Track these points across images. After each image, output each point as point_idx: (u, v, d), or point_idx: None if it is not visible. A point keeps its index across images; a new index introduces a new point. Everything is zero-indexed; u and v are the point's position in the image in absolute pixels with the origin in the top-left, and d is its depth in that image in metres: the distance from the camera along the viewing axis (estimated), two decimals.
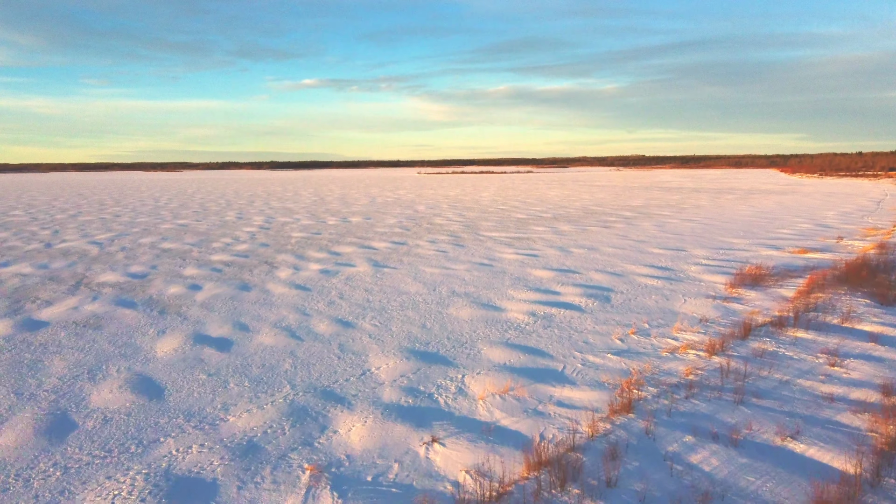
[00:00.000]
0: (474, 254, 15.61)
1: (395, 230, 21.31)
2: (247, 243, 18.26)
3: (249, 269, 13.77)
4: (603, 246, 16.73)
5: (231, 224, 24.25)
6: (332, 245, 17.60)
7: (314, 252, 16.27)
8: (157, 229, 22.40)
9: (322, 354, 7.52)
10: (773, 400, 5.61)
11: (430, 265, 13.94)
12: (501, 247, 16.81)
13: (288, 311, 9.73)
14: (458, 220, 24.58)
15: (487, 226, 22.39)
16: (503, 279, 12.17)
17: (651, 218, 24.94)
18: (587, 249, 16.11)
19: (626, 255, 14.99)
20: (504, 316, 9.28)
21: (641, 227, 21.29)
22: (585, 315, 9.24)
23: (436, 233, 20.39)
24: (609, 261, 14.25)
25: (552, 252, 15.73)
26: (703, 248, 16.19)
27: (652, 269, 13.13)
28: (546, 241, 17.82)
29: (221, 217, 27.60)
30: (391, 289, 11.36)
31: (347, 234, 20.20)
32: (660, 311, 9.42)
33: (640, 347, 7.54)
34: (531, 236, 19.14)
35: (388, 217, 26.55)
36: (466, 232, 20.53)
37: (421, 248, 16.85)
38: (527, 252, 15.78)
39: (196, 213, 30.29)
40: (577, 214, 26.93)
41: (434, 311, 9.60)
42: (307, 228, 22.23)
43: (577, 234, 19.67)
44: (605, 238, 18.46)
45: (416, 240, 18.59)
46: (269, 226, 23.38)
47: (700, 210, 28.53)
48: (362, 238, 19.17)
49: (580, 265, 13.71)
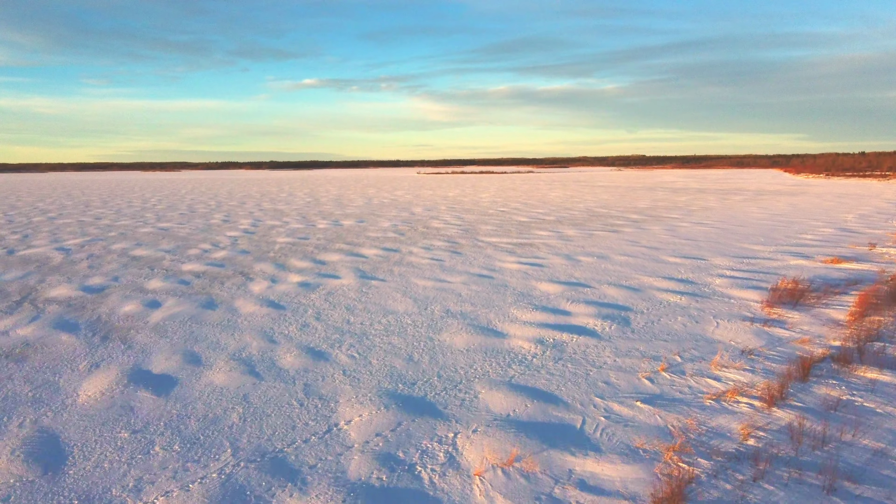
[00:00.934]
0: (473, 263, 14.17)
1: (389, 235, 19.88)
2: (226, 250, 16.82)
3: (221, 281, 12.33)
4: (613, 254, 15.29)
5: (215, 228, 22.81)
6: (318, 252, 16.15)
7: (297, 261, 14.82)
8: (134, 234, 20.97)
9: (281, 400, 6.07)
10: (874, 486, 4.16)
11: (423, 277, 12.50)
12: (502, 254, 15.37)
13: (252, 337, 8.28)
14: (456, 224, 23.15)
15: (487, 230, 20.95)
16: (505, 294, 10.73)
17: (660, 221, 23.50)
18: (596, 258, 14.67)
19: (640, 265, 13.55)
20: (506, 344, 7.83)
21: (652, 232, 19.85)
22: (603, 343, 7.80)
23: (432, 238, 18.95)
24: (622, 272, 12.81)
25: (558, 261, 14.28)
26: (722, 256, 14.75)
27: (671, 282, 11.69)
28: (551, 248, 16.38)
29: (207, 220, 26.16)
30: (376, 307, 9.92)
31: (336, 240, 18.76)
32: (690, 337, 7.98)
33: (676, 391, 6.09)
34: (534, 242, 17.70)
35: (382, 220, 25.11)
36: (465, 237, 19.10)
37: (414, 255, 15.41)
38: (530, 261, 14.33)
39: (182, 215, 28.86)
40: (582, 217, 25.49)
41: (424, 338, 8.16)
42: (294, 233, 20.79)
43: (584, 239, 18.23)
44: (615, 244, 17.02)
45: (409, 246, 17.15)
46: (255, 230, 21.94)
47: (710, 212, 27.09)
48: (352, 244, 17.73)
49: (590, 277, 12.27)
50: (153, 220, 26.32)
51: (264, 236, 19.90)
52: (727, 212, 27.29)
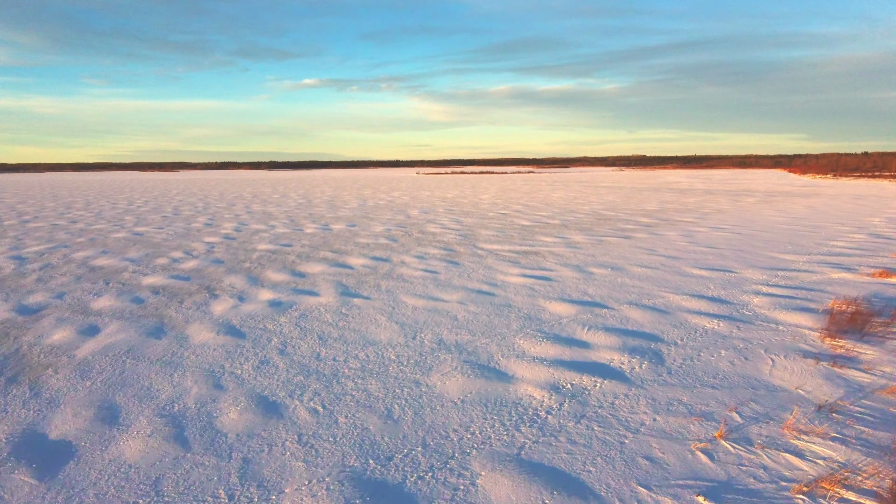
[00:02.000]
0: (471, 276, 12.53)
1: (380, 241, 18.24)
2: (199, 259, 15.19)
3: (181, 299, 10.69)
4: (629, 264, 13.65)
5: (195, 232, 21.17)
6: (300, 262, 14.51)
7: (274, 273, 13.18)
8: (105, 239, 19.33)
9: (204, 489, 4.43)
10: None
11: (413, 294, 10.86)
12: (505, 265, 13.73)
13: (195, 380, 6.64)
14: (453, 228, 21.51)
15: (487, 235, 19.31)
16: (509, 318, 9.09)
17: (674, 225, 21.86)
18: (611, 269, 13.02)
19: (662, 279, 11.92)
20: (513, 391, 6.20)
21: (667, 238, 18.21)
22: (635, 391, 6.16)
23: (427, 245, 17.30)
24: (643, 287, 11.17)
25: (568, 273, 12.64)
26: (752, 267, 13.11)
27: (702, 301, 10.05)
28: (558, 258, 14.73)
29: (188, 223, 24.52)
30: (355, 335, 8.28)
31: (323, 247, 17.12)
32: (744, 381, 6.35)
33: (749, 475, 4.45)
34: (539, 250, 16.06)
35: (375, 224, 23.47)
36: (463, 244, 17.46)
37: (406, 266, 13.77)
38: (536, 273, 12.69)
39: (164, 218, 27.22)
40: (589, 221, 23.84)
41: (409, 381, 6.52)
42: (278, 238, 19.15)
43: (594, 247, 16.59)
44: (629, 253, 15.38)
45: (402, 254, 15.51)
46: (237, 235, 20.30)
47: (725, 216, 25.45)
48: (339, 252, 16.09)
49: (607, 294, 10.62)
50: (131, 223, 24.68)
51: (245, 243, 18.26)
52: (743, 215, 25.65)
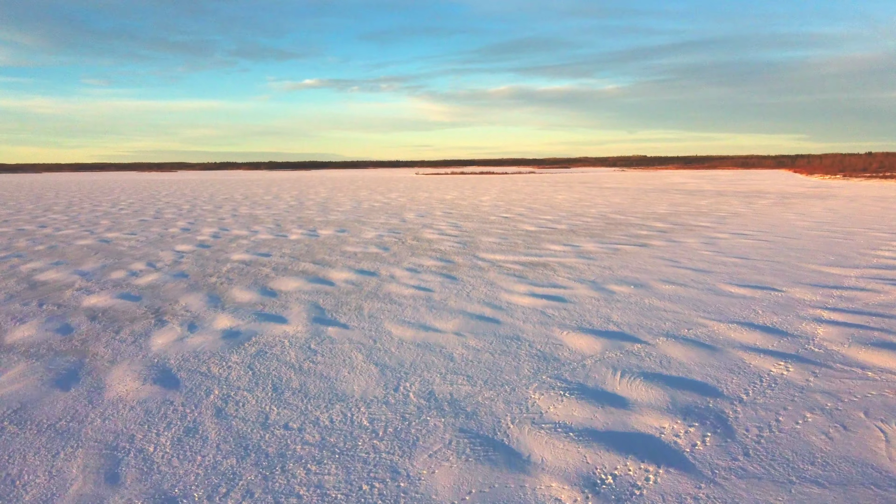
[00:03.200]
0: (471, 295, 10.68)
1: (370, 249, 16.39)
2: (161, 271, 13.35)
3: (119, 327, 8.83)
4: (653, 280, 11.80)
5: (168, 239, 19.33)
6: (274, 277, 12.66)
7: (241, 290, 11.34)
8: (66, 248, 17.48)
9: None
10: None
11: (401, 320, 9.01)
12: (510, 281, 11.88)
13: (83, 466, 4.78)
14: (452, 234, 19.66)
15: (489, 243, 17.46)
16: (518, 357, 7.24)
17: (692, 231, 20.02)
18: (634, 287, 11.17)
19: (696, 300, 10.06)
20: (530, 493, 4.35)
21: (688, 247, 16.36)
22: (706, 489, 4.31)
23: (421, 254, 15.46)
24: (677, 312, 9.32)
25: (584, 292, 10.79)
26: (798, 284, 11.26)
27: (754, 331, 8.20)
28: (571, 271, 12.89)
29: (166, 228, 22.68)
30: (320, 385, 6.42)
31: (304, 257, 15.27)
32: (857, 472, 4.50)
33: None
34: (548, 261, 14.21)
35: (366, 229, 21.62)
36: (462, 253, 15.61)
37: (396, 282, 11.93)
38: (547, 291, 10.84)
39: (142, 222, 25.38)
40: (598, 226, 22.00)
41: (383, 468, 4.66)
42: (257, 247, 17.30)
43: (609, 257, 14.74)
44: (649, 264, 13.53)
45: (392, 267, 13.67)
46: (213, 242, 18.45)
47: (744, 220, 23.61)
48: (321, 264, 14.24)
49: (636, 321, 8.78)
50: (104, 228, 22.82)
51: (219, 251, 16.41)
52: (762, 219, 23.80)
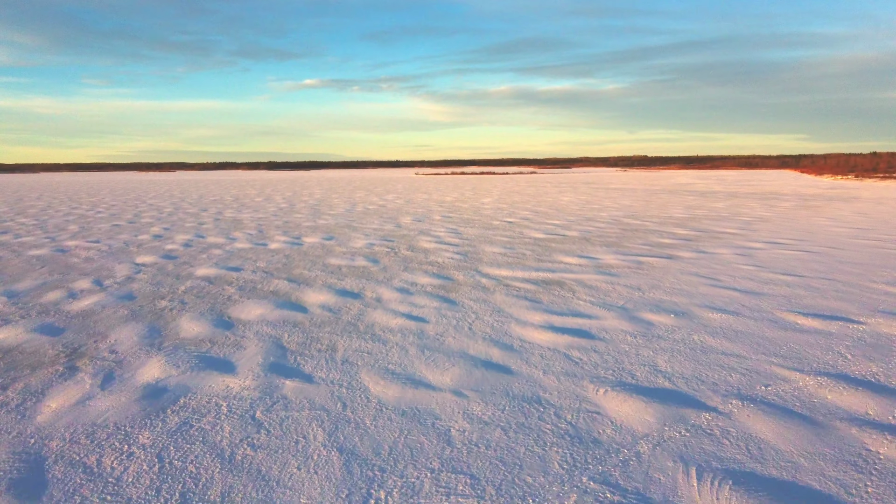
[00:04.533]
0: (474, 328, 8.60)
1: (357, 262, 14.32)
2: (106, 291, 11.26)
3: (13, 377, 6.71)
4: (695, 306, 9.71)
5: (133, 248, 17.25)
6: (237, 300, 10.57)
7: (190, 320, 9.24)
8: (13, 259, 15.40)
9: None
10: None
11: (383, 370, 6.93)
12: (521, 306, 9.79)
13: None
14: (451, 243, 17.58)
15: (493, 254, 15.37)
16: (543, 440, 5.14)
17: (719, 239, 17.93)
18: (674, 316, 9.08)
19: (761, 337, 7.96)
20: None
21: (722, 259, 14.28)
22: None
23: (415, 269, 13.38)
24: (741, 356, 7.22)
25: (615, 324, 8.70)
26: (876, 313, 9.15)
27: (857, 390, 6.09)
28: (592, 292, 10.79)
29: (137, 234, 20.60)
30: (252, 491, 4.34)
31: (280, 272, 13.19)
32: None
33: None
34: (563, 278, 12.13)
35: (357, 236, 19.54)
36: (462, 267, 13.53)
37: (382, 308, 9.84)
38: (569, 323, 8.75)
39: (115, 227, 23.31)
40: (613, 233, 19.91)
41: None
42: (229, 259, 15.22)
43: (634, 273, 12.65)
44: (684, 283, 11.44)
45: (380, 286, 11.59)
46: (182, 252, 16.37)
47: (772, 226, 21.52)
48: (297, 282, 12.16)
49: (692, 372, 6.68)
50: (68, 235, 20.74)
51: (185, 264, 14.33)
52: (791, 224, 21.72)
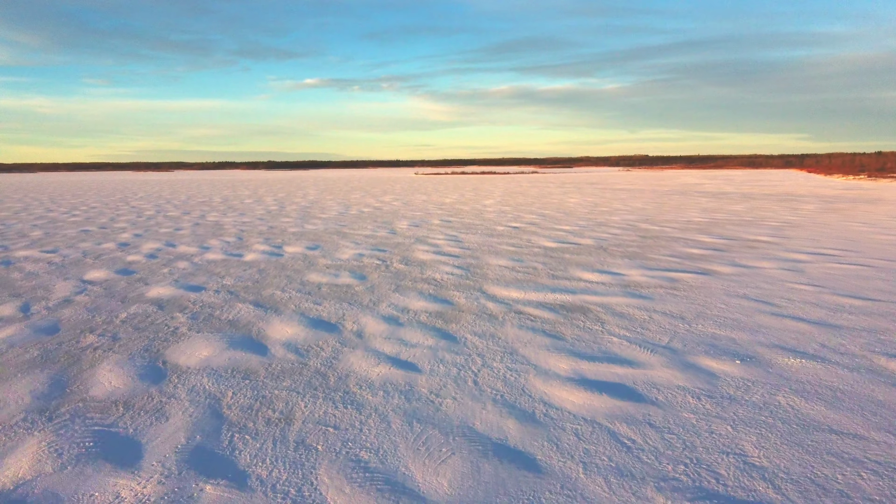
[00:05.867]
0: (480, 381, 6.52)
1: (341, 279, 12.25)
2: (26, 321, 9.17)
3: None
4: (762, 345, 7.63)
5: (89, 260, 15.18)
6: (182, 335, 8.49)
7: (110, 368, 7.16)
8: None
9: None
10: None
11: (352, 462, 4.81)
12: (540, 346, 7.70)
13: None
14: (451, 254, 15.51)
15: (499, 268, 13.30)
16: None
17: (754, 249, 15.86)
18: (742, 362, 7.00)
19: (875, 402, 5.90)
20: None
21: (768, 276, 12.20)
22: None
23: (408, 288, 11.31)
24: (862, 435, 5.13)
25: (667, 375, 6.62)
26: None
27: None
28: (626, 323, 8.71)
29: (103, 241, 18.53)
30: None
31: (247, 293, 11.12)
32: None
33: None
34: (586, 302, 10.04)
35: (346, 245, 17.48)
36: (464, 286, 11.46)
37: (364, 346, 7.76)
38: (605, 373, 6.68)
39: (81, 232, 21.25)
40: (632, 241, 17.84)
41: None
42: (193, 274, 13.16)
43: (670, 294, 10.56)
44: (735, 309, 9.35)
45: (363, 313, 9.51)
46: (142, 266, 14.31)
47: (806, 232, 19.44)
48: (264, 307, 10.08)
49: (809, 472, 4.60)
50: (24, 243, 18.66)
51: (139, 281, 12.26)
52: (826, 231, 19.64)
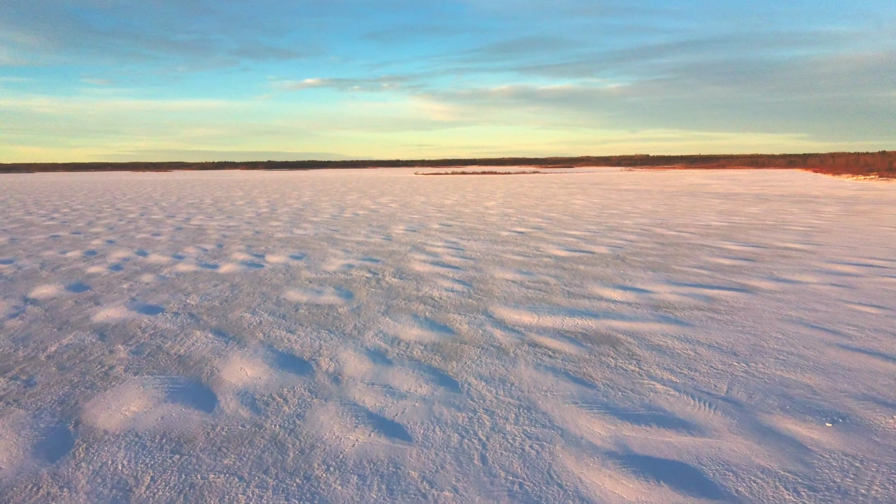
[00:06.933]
0: (489, 458, 4.81)
1: (324, 297, 10.56)
2: None
3: None
4: (854, 399, 5.91)
5: (46, 272, 13.51)
6: (119, 375, 6.80)
7: (3, 431, 5.51)
8: None
9: None
10: None
11: None
12: (563, 397, 6.00)
13: None
14: (450, 265, 13.82)
15: (506, 283, 11.60)
16: None
17: (788, 258, 14.17)
18: (835, 427, 5.29)
19: None
20: None
21: (819, 293, 10.51)
22: None
23: (401, 310, 9.61)
24: None
25: (739, 446, 4.90)
26: None
27: None
28: (668, 362, 7.01)
29: (65, 250, 16.85)
30: None
31: (212, 314, 9.43)
32: None
33: None
34: (613, 329, 8.35)
35: (335, 254, 15.79)
36: (465, 307, 9.77)
37: (339, 397, 6.07)
38: (655, 441, 4.97)
39: (51, 238, 19.58)
40: (650, 248, 16.14)
41: None
42: (157, 289, 11.47)
43: (711, 319, 8.87)
44: (799, 342, 7.66)
45: (345, 344, 7.82)
46: (102, 280, 12.63)
47: (838, 238, 17.74)
48: (229, 333, 8.39)
49: None
50: None
51: (88, 301, 10.57)
52: (861, 237, 17.93)
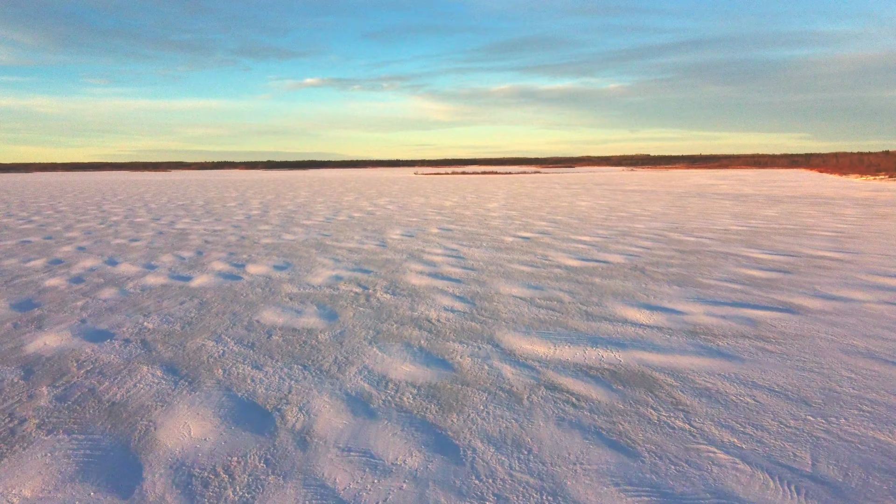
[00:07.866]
0: None
1: (304, 318, 9.15)
2: None
3: None
4: None
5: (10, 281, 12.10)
6: (29, 436, 5.35)
7: None
8: None
9: None
10: None
11: None
12: (595, 471, 4.54)
13: None
14: (450, 277, 12.41)
15: (514, 302, 10.17)
16: None
17: (827, 270, 12.77)
18: None
19: None
20: None
21: (877, 314, 9.08)
22: None
23: (391, 337, 8.19)
24: None
25: None
26: None
27: None
28: (720, 408, 5.58)
29: (27, 260, 15.46)
30: None
31: (169, 343, 8.02)
32: None
33: None
34: (646, 362, 6.93)
35: (323, 263, 14.38)
36: (467, 332, 8.34)
37: (304, 469, 4.60)
38: None
39: (20, 244, 18.19)
40: (669, 256, 14.73)
41: None
42: (114, 308, 10.06)
43: (761, 350, 7.45)
44: (883, 383, 6.19)
45: (321, 387, 6.40)
46: (56, 295, 11.22)
47: (873, 245, 16.33)
48: (182, 370, 6.97)
49: None
50: None
51: (29, 324, 9.15)
52: (893, 243, 16.52)
